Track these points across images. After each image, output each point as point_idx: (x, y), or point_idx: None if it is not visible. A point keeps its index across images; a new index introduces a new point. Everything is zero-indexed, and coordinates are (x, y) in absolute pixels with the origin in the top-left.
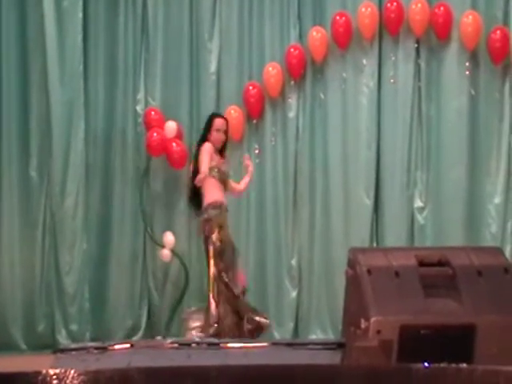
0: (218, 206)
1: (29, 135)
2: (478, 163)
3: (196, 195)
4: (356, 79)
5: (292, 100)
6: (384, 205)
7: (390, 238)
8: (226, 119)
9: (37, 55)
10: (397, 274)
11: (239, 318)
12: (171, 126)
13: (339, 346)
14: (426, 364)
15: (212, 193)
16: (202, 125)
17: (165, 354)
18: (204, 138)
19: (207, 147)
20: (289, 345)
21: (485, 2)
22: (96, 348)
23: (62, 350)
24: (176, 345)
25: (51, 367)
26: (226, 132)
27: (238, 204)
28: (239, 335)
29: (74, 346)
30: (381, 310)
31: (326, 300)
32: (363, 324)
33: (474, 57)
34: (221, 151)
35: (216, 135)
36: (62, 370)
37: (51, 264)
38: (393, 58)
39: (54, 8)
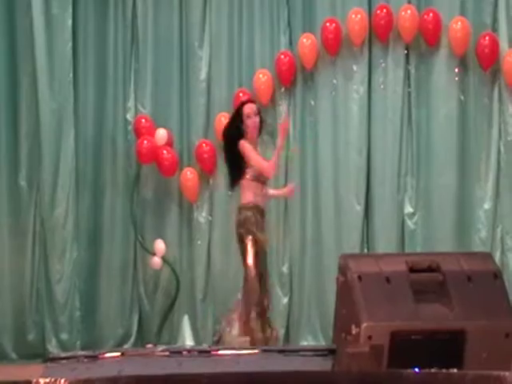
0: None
1: (18, 144)
2: (467, 168)
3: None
4: (346, 85)
5: (282, 107)
6: (374, 211)
7: (380, 244)
8: (254, 102)
9: (26, 63)
10: (387, 280)
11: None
12: (162, 134)
13: (330, 352)
14: (417, 370)
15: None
16: (193, 132)
17: (156, 362)
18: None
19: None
20: (280, 351)
21: (473, 8)
22: (86, 357)
23: (52, 359)
24: (167, 353)
25: (41, 376)
26: (257, 115)
27: (227, 211)
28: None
29: (64, 354)
30: (371, 316)
31: (317, 307)
32: (354, 330)
33: (463, 62)
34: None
35: (249, 122)
36: (52, 379)
37: (41, 273)
38: (383, 65)
39: (43, 15)
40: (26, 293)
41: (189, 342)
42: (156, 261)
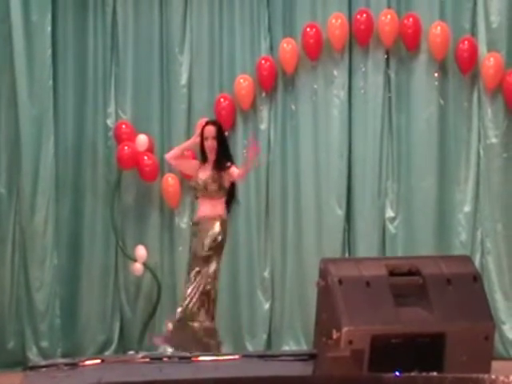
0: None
1: None
2: (447, 172)
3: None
4: (327, 90)
5: (263, 112)
6: (356, 215)
7: (361, 248)
8: (214, 124)
9: (5, 70)
10: (368, 283)
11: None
12: (142, 139)
13: (311, 356)
14: (397, 373)
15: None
16: (173, 138)
17: (136, 369)
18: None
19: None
20: (260, 357)
21: (452, 13)
22: (66, 364)
23: (32, 368)
24: (147, 359)
25: None
26: (214, 138)
27: None
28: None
29: (44, 362)
30: (352, 320)
31: (299, 311)
32: (335, 334)
33: (442, 67)
34: (216, 162)
35: (205, 143)
36: None
37: (21, 280)
38: (363, 69)
39: (22, 22)
40: (5, 301)
41: (171, 348)
42: (137, 267)
